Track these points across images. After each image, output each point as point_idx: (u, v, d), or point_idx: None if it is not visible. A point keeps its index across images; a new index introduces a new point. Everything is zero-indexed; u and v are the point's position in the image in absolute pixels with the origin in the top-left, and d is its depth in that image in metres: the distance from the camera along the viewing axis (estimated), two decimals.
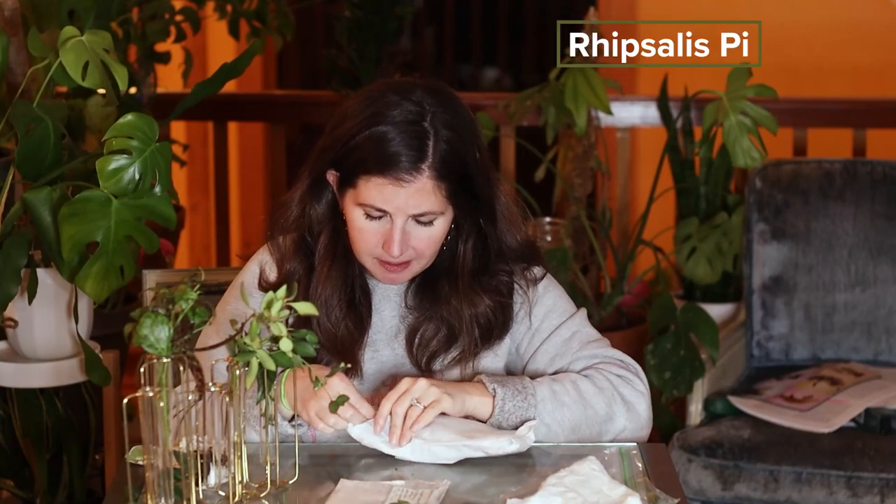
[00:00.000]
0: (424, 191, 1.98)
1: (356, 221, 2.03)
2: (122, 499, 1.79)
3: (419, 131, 1.98)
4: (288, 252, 2.09)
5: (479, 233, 2.08)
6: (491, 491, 1.83)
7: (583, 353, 2.07)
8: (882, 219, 3.35)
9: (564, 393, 1.99)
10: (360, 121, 2.00)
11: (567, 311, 2.12)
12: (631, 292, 3.88)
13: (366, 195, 2.00)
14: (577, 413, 1.99)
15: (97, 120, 3.40)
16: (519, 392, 1.97)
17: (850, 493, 2.94)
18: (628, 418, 2.02)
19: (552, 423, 1.98)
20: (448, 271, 2.08)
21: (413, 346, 2.08)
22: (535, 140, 3.87)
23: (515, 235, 2.11)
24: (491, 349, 2.09)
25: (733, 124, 3.24)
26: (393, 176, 1.97)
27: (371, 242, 2.02)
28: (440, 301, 2.07)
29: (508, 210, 2.11)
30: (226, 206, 4.68)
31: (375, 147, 1.97)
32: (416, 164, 1.97)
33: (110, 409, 2.92)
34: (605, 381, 2.03)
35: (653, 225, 3.80)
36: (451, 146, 1.99)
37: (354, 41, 4.48)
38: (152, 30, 4.07)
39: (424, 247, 2.03)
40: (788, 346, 3.39)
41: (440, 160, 1.98)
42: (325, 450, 1.97)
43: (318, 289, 2.06)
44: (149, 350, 1.66)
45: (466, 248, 2.07)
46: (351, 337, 2.06)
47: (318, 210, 2.08)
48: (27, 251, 2.58)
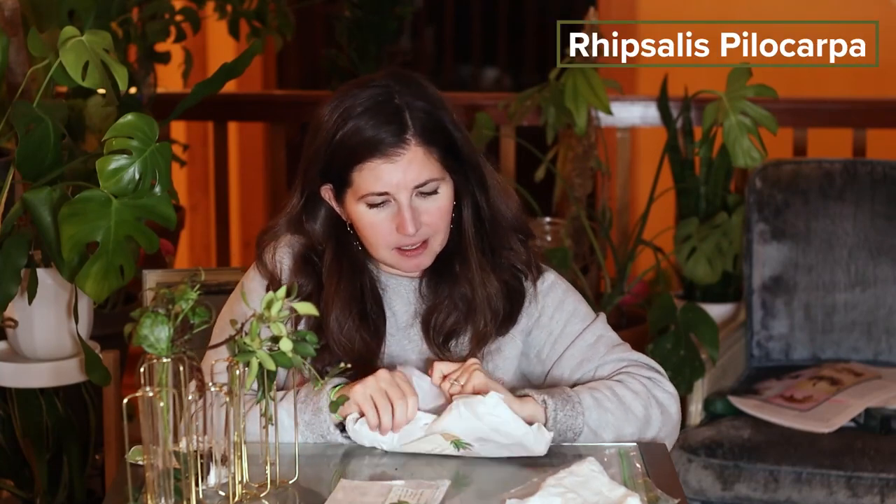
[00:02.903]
0: (417, 159, 1.99)
1: (364, 218, 2.03)
2: (122, 499, 1.79)
3: (393, 108, 2.00)
4: (291, 270, 2.08)
5: (476, 204, 2.08)
6: (491, 491, 1.83)
7: (609, 357, 2.08)
8: (882, 219, 3.35)
9: (606, 399, 2.00)
10: (332, 123, 2.01)
11: (589, 316, 2.12)
12: (631, 292, 3.88)
13: (363, 185, 2.00)
14: (620, 418, 1.99)
15: (97, 120, 3.40)
16: (566, 402, 1.97)
17: (850, 493, 2.94)
18: (663, 420, 2.03)
19: (598, 428, 1.98)
20: (456, 250, 2.08)
21: (430, 330, 2.08)
22: (535, 140, 3.87)
23: (509, 205, 2.11)
24: (504, 336, 2.09)
25: (733, 124, 3.24)
26: (382, 155, 1.98)
27: (384, 232, 2.02)
28: (454, 281, 2.07)
29: (496, 179, 2.11)
30: (226, 206, 4.68)
31: (356, 137, 1.99)
32: (400, 136, 1.99)
33: (110, 409, 2.92)
34: (639, 384, 2.03)
35: (653, 225, 3.80)
36: (428, 115, 2.01)
37: (354, 41, 4.49)
38: (152, 30, 4.07)
39: (436, 220, 2.02)
40: (788, 346, 3.39)
41: (422, 127, 2.00)
42: (325, 450, 1.97)
43: (329, 306, 2.05)
44: (149, 350, 1.66)
45: (468, 221, 2.07)
46: (367, 348, 2.06)
47: (316, 229, 2.09)
48: (27, 251, 2.57)
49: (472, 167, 2.07)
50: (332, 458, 1.95)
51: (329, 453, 1.96)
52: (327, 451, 1.97)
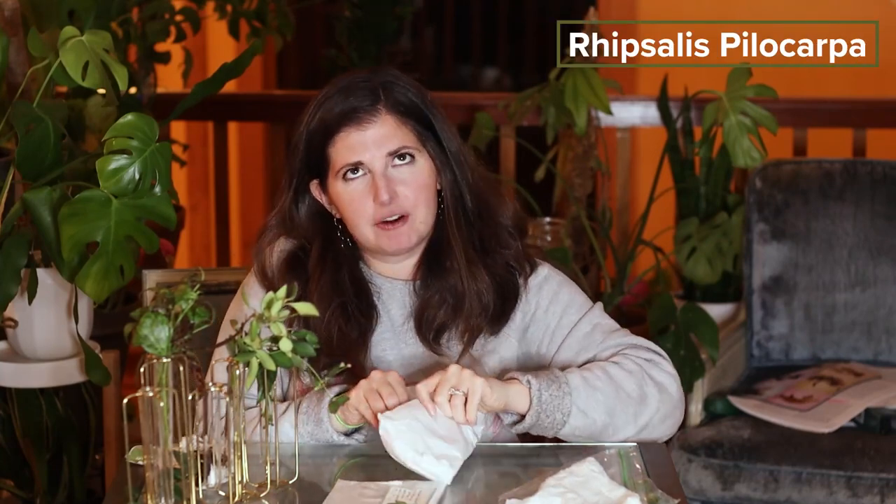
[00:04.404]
0: (388, 125, 2.02)
1: (343, 195, 2.04)
2: (122, 499, 1.79)
3: (368, 87, 2.03)
4: (280, 270, 2.09)
5: (459, 193, 2.08)
6: (490, 491, 1.83)
7: (607, 343, 2.06)
8: (882, 219, 3.35)
9: (595, 379, 1.98)
10: (310, 110, 2.05)
11: (585, 306, 2.12)
12: (631, 292, 3.88)
13: (338, 158, 2.02)
14: (611, 396, 1.97)
15: (97, 120, 3.40)
16: (552, 382, 1.95)
17: (850, 493, 2.94)
18: (660, 399, 2.01)
19: (588, 409, 1.95)
20: (444, 240, 2.08)
21: (421, 327, 2.07)
22: (535, 140, 3.87)
23: (500, 202, 2.11)
24: (497, 335, 2.08)
25: (733, 124, 3.24)
26: (353, 122, 2.01)
27: (363, 206, 2.03)
28: (443, 275, 2.07)
29: (484, 174, 2.12)
30: (226, 206, 4.68)
31: (329, 114, 2.02)
32: (373, 106, 2.02)
33: (110, 409, 2.92)
34: (634, 364, 2.02)
35: (653, 225, 3.80)
36: (404, 94, 2.04)
37: (354, 41, 4.49)
38: (152, 30, 4.07)
39: (413, 191, 2.03)
40: (788, 346, 3.39)
41: (395, 101, 2.03)
42: (324, 450, 1.97)
43: (310, 298, 2.04)
44: (149, 350, 1.66)
45: (451, 208, 2.07)
46: (346, 343, 2.05)
47: (304, 223, 2.10)
48: (27, 251, 2.57)
49: (453, 154, 2.07)
50: (332, 458, 1.95)
51: (329, 453, 1.96)
52: (327, 451, 1.97)
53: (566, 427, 1.95)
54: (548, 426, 1.95)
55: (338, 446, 1.97)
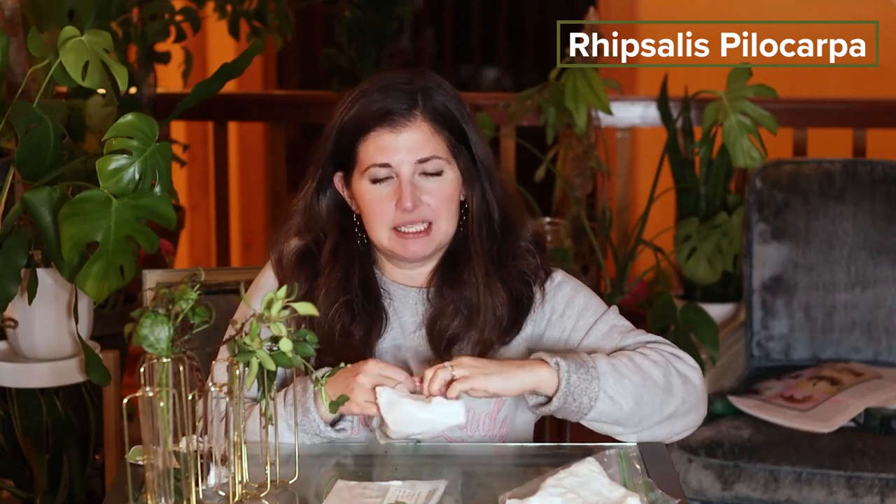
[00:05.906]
0: (422, 132, 2.00)
1: (366, 195, 2.03)
2: (122, 499, 1.79)
3: (408, 90, 2.02)
4: (290, 263, 2.09)
5: (487, 208, 2.07)
6: (490, 491, 1.83)
7: (626, 341, 2.05)
8: (882, 219, 3.35)
9: (623, 366, 1.96)
10: (347, 103, 2.04)
11: (600, 309, 2.11)
12: (631, 292, 3.88)
13: (367, 157, 2.01)
14: (638, 383, 1.95)
15: (97, 120, 3.40)
16: (581, 365, 1.93)
17: (850, 493, 2.94)
18: (685, 391, 1.99)
19: (616, 394, 1.93)
20: (463, 253, 2.06)
21: (433, 335, 2.06)
22: (535, 140, 3.87)
23: (522, 218, 2.10)
24: (507, 344, 2.07)
25: (733, 124, 3.24)
26: (387, 124, 2.00)
27: (384, 209, 2.02)
28: (460, 286, 2.06)
29: (510, 190, 2.11)
30: (226, 206, 4.68)
31: (365, 111, 2.01)
32: (409, 111, 2.01)
33: (110, 409, 2.92)
34: (658, 356, 2.00)
35: (653, 225, 3.80)
36: (442, 103, 2.03)
37: (354, 41, 4.48)
38: (152, 30, 4.07)
39: (438, 202, 2.02)
40: (788, 346, 3.39)
41: (432, 109, 2.02)
42: (324, 450, 1.97)
43: (318, 291, 2.05)
44: (149, 350, 1.66)
45: (476, 222, 2.06)
46: (348, 341, 2.05)
47: (323, 215, 2.09)
48: (27, 251, 2.58)
49: (485, 168, 2.07)
50: (332, 458, 1.95)
51: (329, 453, 1.96)
52: (327, 451, 1.97)
53: (592, 412, 1.93)
54: (574, 410, 1.93)
55: (338, 446, 1.97)
